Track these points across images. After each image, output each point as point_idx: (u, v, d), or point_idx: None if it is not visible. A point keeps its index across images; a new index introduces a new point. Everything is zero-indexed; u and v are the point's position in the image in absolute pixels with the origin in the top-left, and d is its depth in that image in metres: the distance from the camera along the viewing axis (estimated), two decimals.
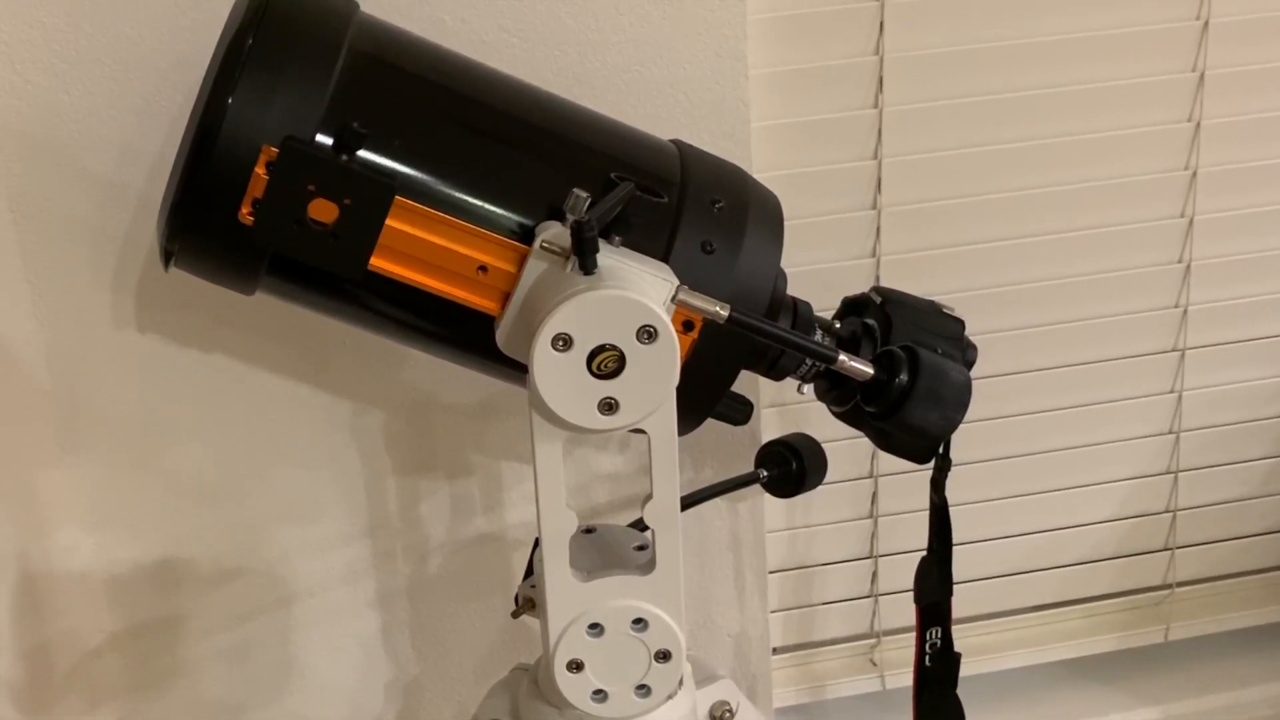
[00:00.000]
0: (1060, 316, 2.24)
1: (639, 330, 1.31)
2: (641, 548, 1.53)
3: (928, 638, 1.78)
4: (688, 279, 1.38)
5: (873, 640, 2.40)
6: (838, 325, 1.62)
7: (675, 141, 1.60)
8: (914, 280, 1.77)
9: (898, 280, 1.76)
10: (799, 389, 1.62)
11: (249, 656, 2.11)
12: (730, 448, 2.08)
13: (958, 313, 1.62)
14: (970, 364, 1.59)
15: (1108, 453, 2.35)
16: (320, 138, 1.34)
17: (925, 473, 1.66)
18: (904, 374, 1.49)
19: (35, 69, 1.78)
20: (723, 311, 1.37)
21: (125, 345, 1.92)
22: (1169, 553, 2.45)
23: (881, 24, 2.04)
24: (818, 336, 1.57)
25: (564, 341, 1.31)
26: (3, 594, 1.99)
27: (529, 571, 1.58)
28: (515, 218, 1.41)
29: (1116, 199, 2.19)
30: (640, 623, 1.44)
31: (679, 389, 1.35)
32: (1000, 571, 2.39)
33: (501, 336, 1.38)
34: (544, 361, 1.31)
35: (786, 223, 1.56)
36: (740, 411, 1.63)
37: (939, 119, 2.11)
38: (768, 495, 1.77)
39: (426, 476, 2.07)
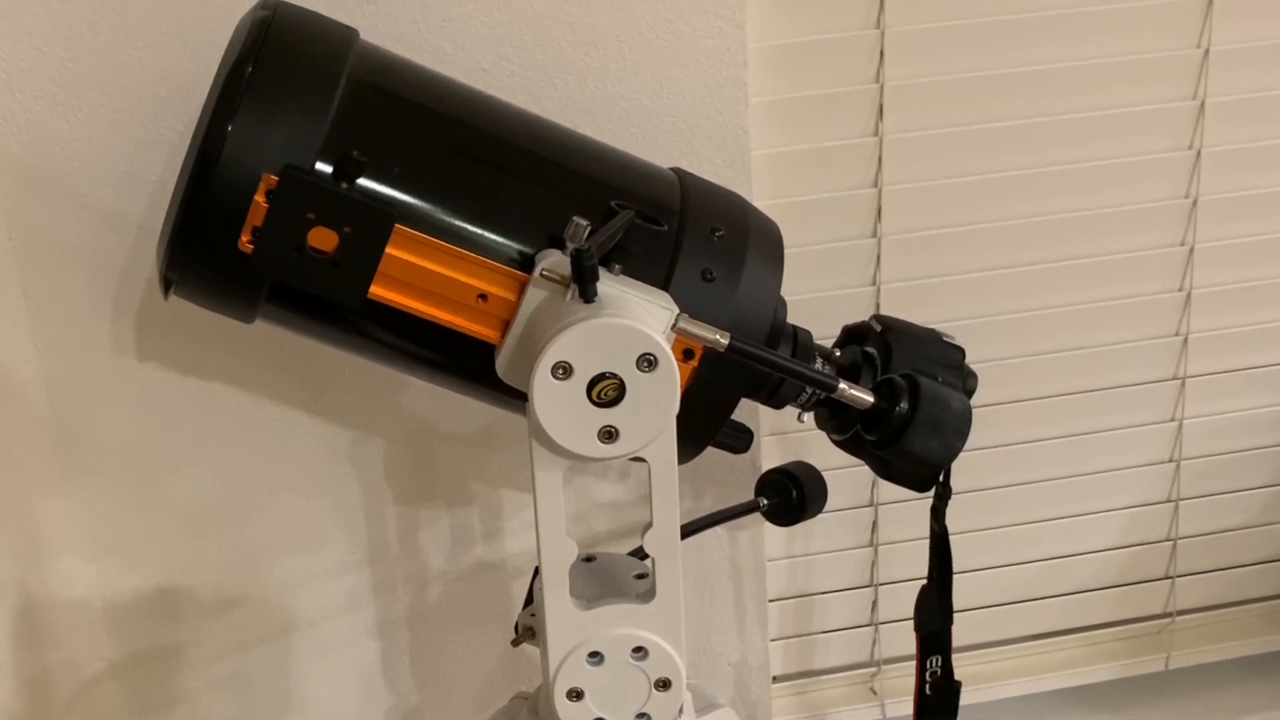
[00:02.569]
0: (1061, 345, 2.24)
1: (639, 358, 1.31)
2: (641, 576, 1.52)
3: (928, 666, 1.77)
4: (688, 307, 1.39)
5: (873, 669, 2.39)
6: (838, 353, 1.62)
7: (675, 169, 1.60)
8: (914, 308, 1.78)
9: (898, 308, 1.76)
10: (799, 417, 1.62)
11: (248, 685, 2.11)
12: (730, 476, 2.08)
13: (958, 341, 1.62)
14: (971, 392, 1.59)
15: (1108, 481, 2.35)
16: (320, 166, 1.34)
17: (925, 501, 1.65)
18: (904, 402, 1.49)
19: (34, 97, 1.78)
20: (723, 340, 1.37)
21: (125, 373, 1.92)
22: (1169, 581, 2.45)
23: (882, 52, 2.04)
24: (818, 365, 1.57)
25: (564, 370, 1.31)
26: (2, 622, 1.99)
27: (529, 600, 1.58)
28: (515, 246, 1.41)
29: (1117, 227, 2.19)
30: (640, 651, 1.44)
31: (679, 417, 1.35)
32: (1000, 600, 2.39)
33: (501, 365, 1.38)
34: (544, 390, 1.31)
35: (787, 251, 1.56)
36: (740, 440, 1.63)
37: (939, 147, 2.11)
38: (768, 523, 1.77)
39: (426, 505, 2.06)
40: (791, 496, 1.73)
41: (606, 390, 1.32)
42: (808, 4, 2.01)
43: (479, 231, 1.40)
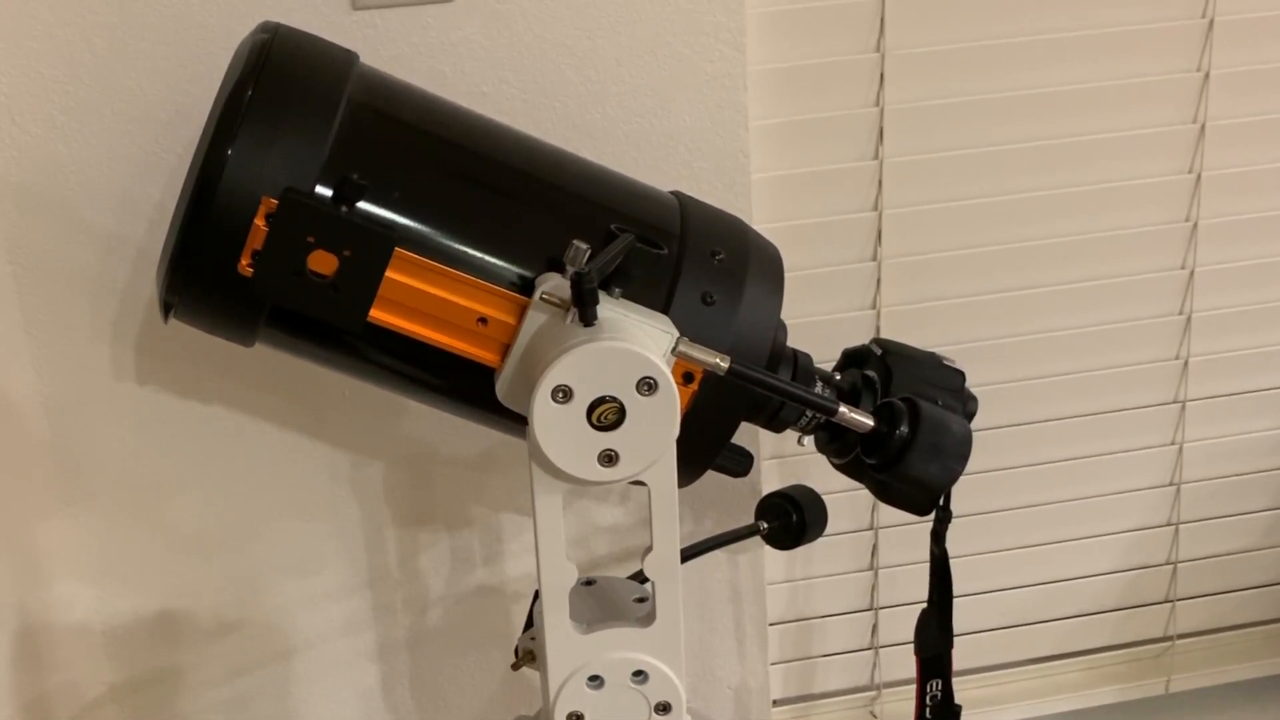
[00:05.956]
0: (1061, 369, 2.24)
1: (639, 382, 1.31)
2: (641, 599, 1.52)
3: (928, 690, 1.77)
4: (688, 331, 1.38)
5: (873, 692, 2.39)
6: (838, 377, 1.62)
7: (675, 193, 1.60)
8: (914, 332, 1.77)
9: (898, 332, 1.76)
10: (799, 441, 1.61)
11: (248, 709, 2.10)
12: (730, 499, 2.08)
13: (958, 364, 1.62)
14: (971, 416, 1.59)
15: (1109, 505, 2.35)
16: (320, 189, 1.34)
17: (926, 524, 1.65)
18: (904, 426, 1.49)
19: (34, 120, 1.78)
20: (723, 363, 1.37)
21: (125, 397, 1.92)
22: (1170, 605, 2.44)
23: (882, 76, 2.05)
24: (818, 388, 1.57)
25: (564, 393, 1.30)
26: (2, 646, 1.99)
27: (529, 623, 1.57)
28: (515, 269, 1.41)
29: (1117, 250, 2.19)
30: (640, 675, 1.44)
31: (679, 441, 1.35)
32: (1001, 623, 2.39)
33: (501, 388, 1.38)
34: (544, 413, 1.31)
35: (787, 274, 1.56)
36: (740, 463, 1.62)
37: (940, 170, 2.11)
38: (768, 547, 1.77)
39: (426, 528, 2.06)
40: (792, 520, 1.73)
41: (606, 414, 1.32)
42: (808, 28, 2.02)
43: (479, 255, 1.40)
